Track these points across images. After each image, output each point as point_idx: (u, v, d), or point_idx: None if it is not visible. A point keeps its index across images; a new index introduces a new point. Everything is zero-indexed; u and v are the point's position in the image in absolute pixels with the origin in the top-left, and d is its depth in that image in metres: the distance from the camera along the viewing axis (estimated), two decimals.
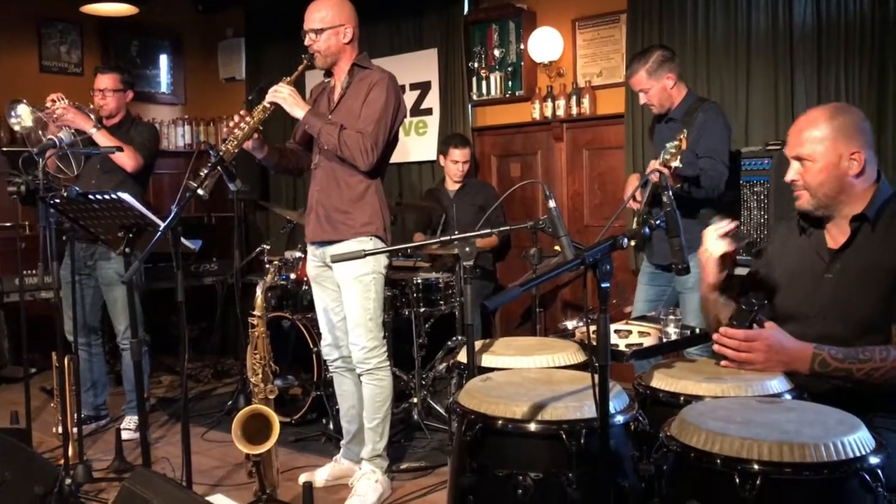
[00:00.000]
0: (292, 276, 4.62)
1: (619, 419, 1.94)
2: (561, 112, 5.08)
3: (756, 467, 1.58)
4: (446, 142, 5.09)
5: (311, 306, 3.71)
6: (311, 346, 4.23)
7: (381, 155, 3.20)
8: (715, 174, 3.46)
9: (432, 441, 3.99)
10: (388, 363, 3.35)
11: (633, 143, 4.68)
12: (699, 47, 4.42)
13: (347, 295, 3.27)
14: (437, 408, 4.23)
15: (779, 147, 3.77)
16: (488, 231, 2.84)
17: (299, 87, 3.21)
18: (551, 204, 2.39)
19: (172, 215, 2.73)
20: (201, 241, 3.31)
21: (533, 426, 1.90)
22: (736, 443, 1.63)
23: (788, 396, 2.03)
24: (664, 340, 2.70)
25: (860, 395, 2.02)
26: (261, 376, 3.15)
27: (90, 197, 3.05)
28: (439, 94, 5.55)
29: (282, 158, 3.43)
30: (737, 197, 3.86)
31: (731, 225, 2.31)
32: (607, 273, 1.73)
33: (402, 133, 3.83)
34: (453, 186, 5.06)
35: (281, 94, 3.12)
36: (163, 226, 2.77)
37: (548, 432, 1.88)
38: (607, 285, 1.72)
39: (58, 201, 3.15)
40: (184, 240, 3.02)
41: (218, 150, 2.96)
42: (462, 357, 2.57)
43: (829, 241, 2.24)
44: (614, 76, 4.91)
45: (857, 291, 2.12)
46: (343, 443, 3.56)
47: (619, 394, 2.02)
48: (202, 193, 2.88)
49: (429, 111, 5.63)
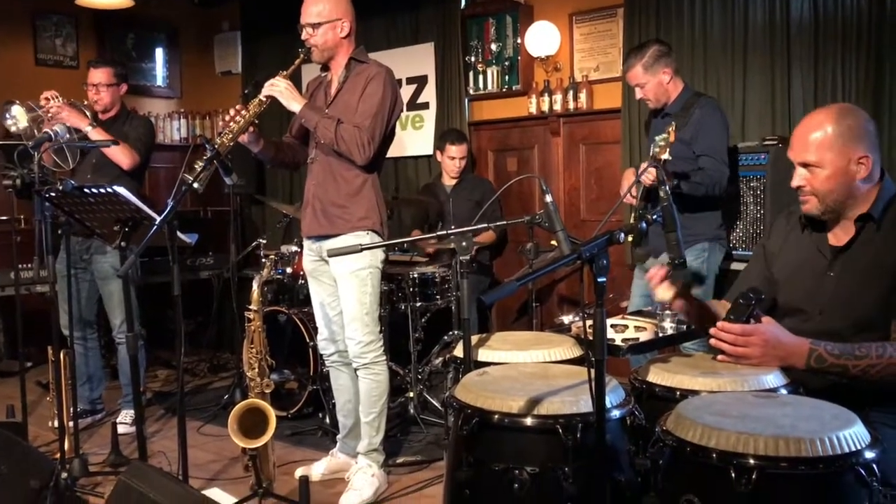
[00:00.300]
0: (289, 270, 4.62)
1: (616, 414, 1.94)
2: (558, 106, 5.07)
3: (752, 462, 1.59)
4: (443, 138, 5.09)
5: (308, 300, 3.71)
6: (308, 340, 4.23)
7: (377, 149, 3.20)
8: (716, 173, 3.46)
9: (428, 435, 4.00)
10: (384, 357, 3.35)
11: (629, 138, 4.68)
12: (696, 42, 4.41)
13: (344, 289, 3.27)
14: (434, 402, 4.24)
15: (775, 142, 3.78)
16: (485, 225, 2.85)
17: (295, 81, 3.20)
18: (548, 199, 2.39)
19: (168, 209, 2.73)
20: (197, 235, 3.31)
21: (529, 420, 1.90)
22: (732, 437, 1.63)
23: (784, 391, 2.03)
24: (660, 335, 2.69)
25: (856, 391, 2.02)
26: (257, 370, 3.15)
27: (86, 190, 3.05)
28: (436, 89, 5.53)
29: (278, 152, 3.42)
30: (733, 192, 3.86)
31: (662, 271, 2.25)
32: (604, 268, 1.72)
33: (398, 127, 3.81)
34: (450, 181, 5.07)
35: (277, 88, 3.11)
36: (159, 220, 2.76)
37: (544, 427, 1.88)
38: (604, 280, 1.71)
39: (53, 195, 3.15)
40: (180, 234, 3.02)
41: (214, 144, 2.96)
42: (458, 351, 2.57)
43: (831, 239, 2.23)
44: (611, 71, 4.91)
45: (859, 289, 2.12)
46: (339, 437, 3.57)
47: (616, 388, 2.01)
48: (198, 187, 2.89)
49: (425, 105, 5.61)
